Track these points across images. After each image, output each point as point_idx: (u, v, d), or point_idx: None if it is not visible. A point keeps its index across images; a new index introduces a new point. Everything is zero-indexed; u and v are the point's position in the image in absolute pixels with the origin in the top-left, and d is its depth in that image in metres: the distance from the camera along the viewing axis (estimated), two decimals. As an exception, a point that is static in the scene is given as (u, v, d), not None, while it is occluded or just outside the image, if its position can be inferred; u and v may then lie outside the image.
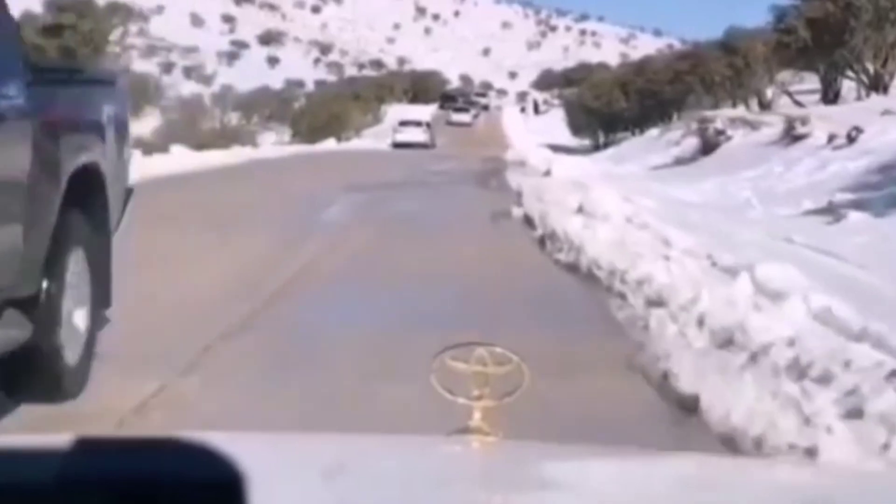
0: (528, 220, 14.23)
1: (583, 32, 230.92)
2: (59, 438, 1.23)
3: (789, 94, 49.44)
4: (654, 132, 43.33)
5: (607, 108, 63.13)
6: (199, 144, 38.02)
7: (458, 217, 14.84)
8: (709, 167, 24.41)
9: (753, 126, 27.14)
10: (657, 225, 12.18)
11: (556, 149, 48.42)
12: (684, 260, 9.54)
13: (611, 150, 46.36)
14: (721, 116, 29.18)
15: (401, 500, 1.33)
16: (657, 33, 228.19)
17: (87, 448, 1.19)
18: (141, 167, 22.02)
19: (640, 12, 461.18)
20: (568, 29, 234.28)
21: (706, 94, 53.25)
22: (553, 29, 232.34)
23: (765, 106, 48.94)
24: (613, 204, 12.52)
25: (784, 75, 50.84)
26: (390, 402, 5.00)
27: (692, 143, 29.72)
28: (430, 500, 1.36)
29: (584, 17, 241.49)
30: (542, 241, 12.15)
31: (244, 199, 16.59)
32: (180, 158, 25.05)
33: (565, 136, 67.98)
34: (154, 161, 24.38)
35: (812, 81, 48.54)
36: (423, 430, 2.79)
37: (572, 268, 10.12)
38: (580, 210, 12.47)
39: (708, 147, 27.18)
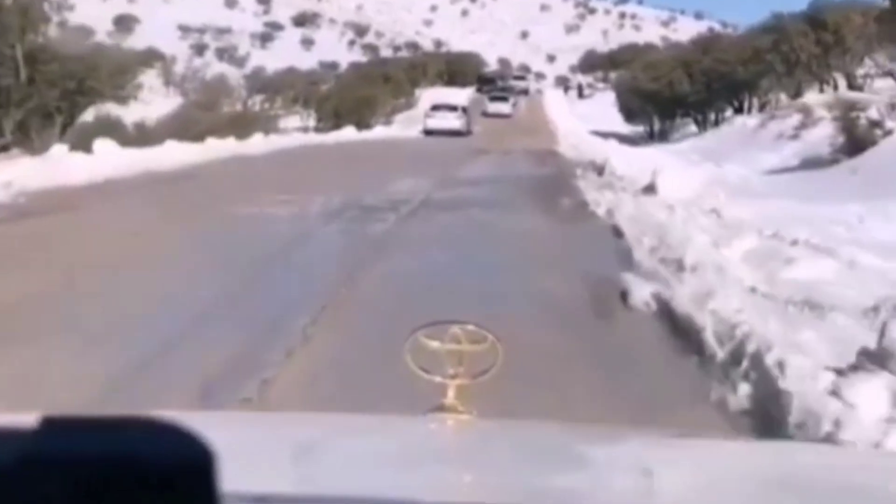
0: (678, 327, 6.49)
1: (622, 15, 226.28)
2: (23, 417, 1.14)
3: (893, 76, 41.96)
4: (747, 121, 35.23)
5: (668, 90, 54.99)
6: (204, 134, 31.32)
7: (517, 312, 6.82)
8: (876, 176, 16.45)
9: (922, 114, 19.20)
10: None
11: (609, 137, 41.09)
12: None
13: (690, 143, 38.10)
14: (876, 102, 21.17)
15: (373, 479, 1.31)
16: (698, 16, 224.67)
17: (53, 427, 1.11)
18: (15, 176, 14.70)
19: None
20: (607, 12, 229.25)
21: (787, 76, 45.83)
22: (592, 12, 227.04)
23: (856, 89, 42.16)
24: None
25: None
26: None
27: (820, 136, 21.86)
28: (403, 478, 1.34)
29: (623, 0, 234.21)
30: (767, 424, 4.40)
31: (104, 252, 8.87)
32: (100, 160, 17.38)
33: (617, 123, 60.24)
34: (71, 161, 16.86)
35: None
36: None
37: None
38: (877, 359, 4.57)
39: (856, 144, 19.23)
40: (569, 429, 2.07)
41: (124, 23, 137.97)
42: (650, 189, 13.52)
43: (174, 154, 21.17)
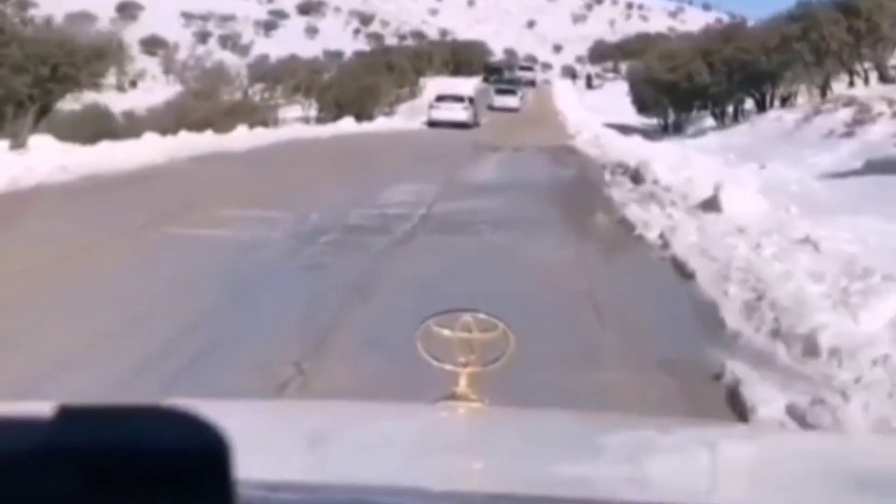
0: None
1: (629, 6, 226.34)
2: (34, 406, 1.10)
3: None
4: (784, 114, 32.47)
5: (687, 81, 52.22)
6: (201, 124, 29.15)
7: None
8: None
9: None
10: None
11: (625, 130, 38.77)
12: None
13: (715, 138, 35.17)
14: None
15: (384, 466, 1.33)
16: (706, 7, 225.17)
17: (64, 416, 1.04)
18: None
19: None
20: (614, 2, 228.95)
21: (816, 66, 43.32)
22: (599, 1, 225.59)
23: (887, 80, 39.94)
24: None
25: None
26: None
27: (882, 134, 19.11)
28: (414, 466, 1.35)
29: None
30: None
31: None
32: (37, 160, 14.42)
33: (628, 114, 58.05)
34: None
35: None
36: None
37: None
38: None
39: (935, 145, 16.46)
40: (581, 417, 2.10)
41: (127, 10, 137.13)
42: (711, 204, 10.59)
43: (141, 150, 18.33)
